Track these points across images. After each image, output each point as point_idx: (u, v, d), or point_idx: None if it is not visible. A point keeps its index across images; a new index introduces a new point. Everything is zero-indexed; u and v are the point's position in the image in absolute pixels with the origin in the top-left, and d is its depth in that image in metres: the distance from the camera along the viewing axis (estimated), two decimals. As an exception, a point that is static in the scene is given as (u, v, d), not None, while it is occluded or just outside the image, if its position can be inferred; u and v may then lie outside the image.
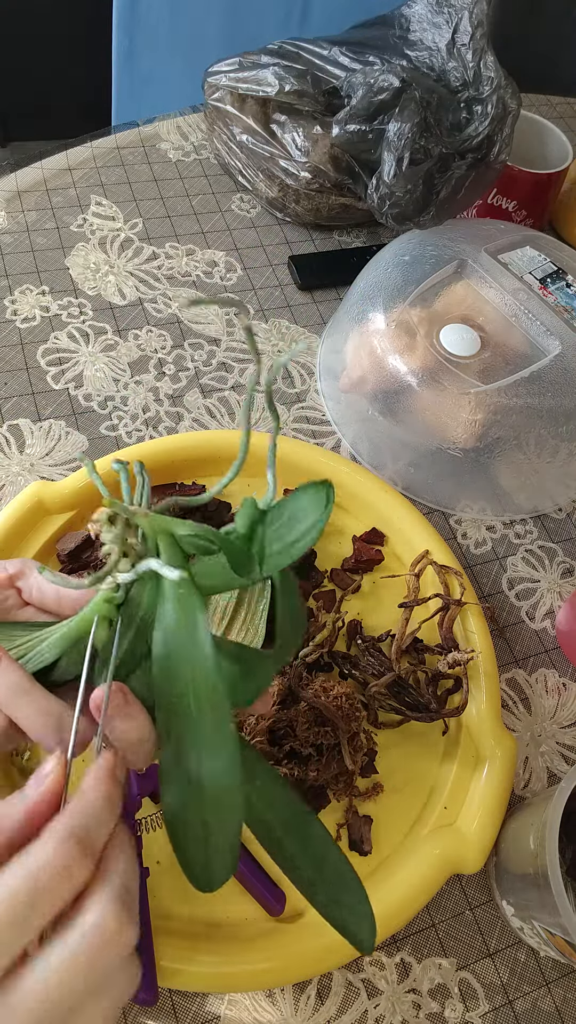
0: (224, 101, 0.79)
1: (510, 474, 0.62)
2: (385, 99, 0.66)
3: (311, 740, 0.47)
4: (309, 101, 0.73)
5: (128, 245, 0.77)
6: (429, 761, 0.52)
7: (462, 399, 0.58)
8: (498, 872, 0.48)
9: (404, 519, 0.59)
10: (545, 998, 0.47)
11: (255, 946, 0.43)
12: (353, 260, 0.75)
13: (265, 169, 0.78)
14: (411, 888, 0.45)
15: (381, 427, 0.63)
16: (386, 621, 0.57)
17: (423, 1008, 0.45)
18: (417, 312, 0.61)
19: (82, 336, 0.69)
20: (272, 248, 0.80)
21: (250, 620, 0.52)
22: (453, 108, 0.68)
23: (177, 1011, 0.43)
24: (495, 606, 0.61)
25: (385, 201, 0.65)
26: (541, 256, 0.65)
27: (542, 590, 0.62)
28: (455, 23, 0.70)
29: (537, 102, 1.05)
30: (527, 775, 0.54)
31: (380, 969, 0.46)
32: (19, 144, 1.76)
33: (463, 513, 0.65)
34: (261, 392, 0.30)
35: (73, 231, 0.77)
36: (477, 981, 0.46)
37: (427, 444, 0.61)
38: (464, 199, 0.68)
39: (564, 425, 0.58)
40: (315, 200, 0.78)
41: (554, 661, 0.59)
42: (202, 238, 0.79)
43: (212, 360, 0.70)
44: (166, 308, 0.73)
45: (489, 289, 0.62)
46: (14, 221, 0.76)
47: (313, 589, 0.57)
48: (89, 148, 0.84)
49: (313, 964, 0.43)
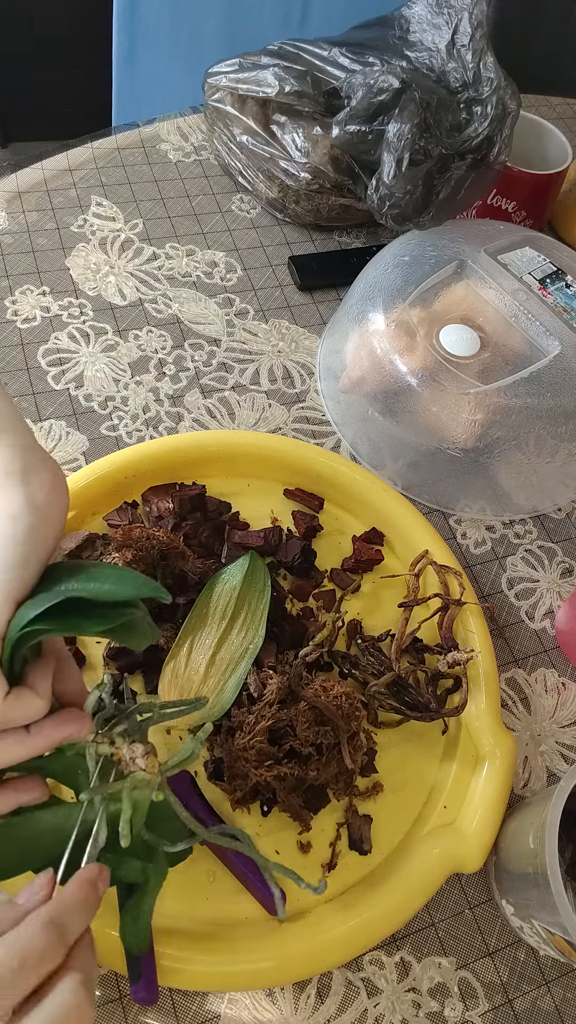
0: (224, 102, 0.79)
1: (510, 474, 0.62)
2: (385, 100, 0.66)
3: (311, 739, 0.47)
4: (309, 102, 0.73)
5: (128, 245, 0.77)
6: (429, 761, 0.52)
7: (462, 399, 0.58)
8: (498, 871, 0.48)
9: (404, 519, 0.59)
10: (545, 997, 0.47)
11: (255, 946, 0.43)
12: (353, 260, 0.75)
13: (265, 170, 0.78)
14: (411, 887, 0.45)
15: (381, 427, 0.63)
16: (386, 621, 0.57)
17: (423, 1007, 0.45)
18: (417, 312, 0.61)
19: (82, 336, 0.70)
20: (272, 248, 0.80)
21: (250, 620, 0.52)
22: (453, 109, 0.68)
23: (177, 1010, 0.43)
24: (495, 606, 0.61)
25: (385, 202, 0.65)
26: (541, 257, 0.65)
27: (541, 590, 0.62)
28: (455, 24, 0.71)
29: (537, 103, 1.05)
30: (527, 775, 0.54)
31: (380, 968, 0.46)
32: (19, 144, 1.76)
33: (463, 513, 0.65)
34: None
35: (73, 231, 0.77)
36: (477, 980, 0.46)
37: (427, 444, 0.61)
38: (464, 200, 0.68)
39: (563, 425, 0.58)
40: (315, 201, 0.78)
41: (553, 661, 0.59)
42: (202, 238, 0.79)
43: (212, 360, 0.70)
44: (166, 308, 0.73)
45: (489, 289, 0.62)
46: (14, 222, 0.76)
47: (313, 589, 0.57)
48: (89, 149, 0.84)
49: (313, 963, 0.43)
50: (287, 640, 0.53)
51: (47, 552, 0.31)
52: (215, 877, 0.46)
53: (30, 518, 0.30)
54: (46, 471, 0.32)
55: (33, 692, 0.31)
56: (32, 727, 0.32)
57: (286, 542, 0.57)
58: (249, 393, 0.69)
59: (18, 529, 0.30)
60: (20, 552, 0.30)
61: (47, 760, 0.35)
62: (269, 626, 0.52)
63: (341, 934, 0.43)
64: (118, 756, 0.35)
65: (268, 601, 0.53)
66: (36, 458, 0.32)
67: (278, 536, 0.57)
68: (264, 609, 0.53)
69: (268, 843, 0.48)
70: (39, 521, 0.30)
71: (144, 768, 0.35)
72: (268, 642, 0.52)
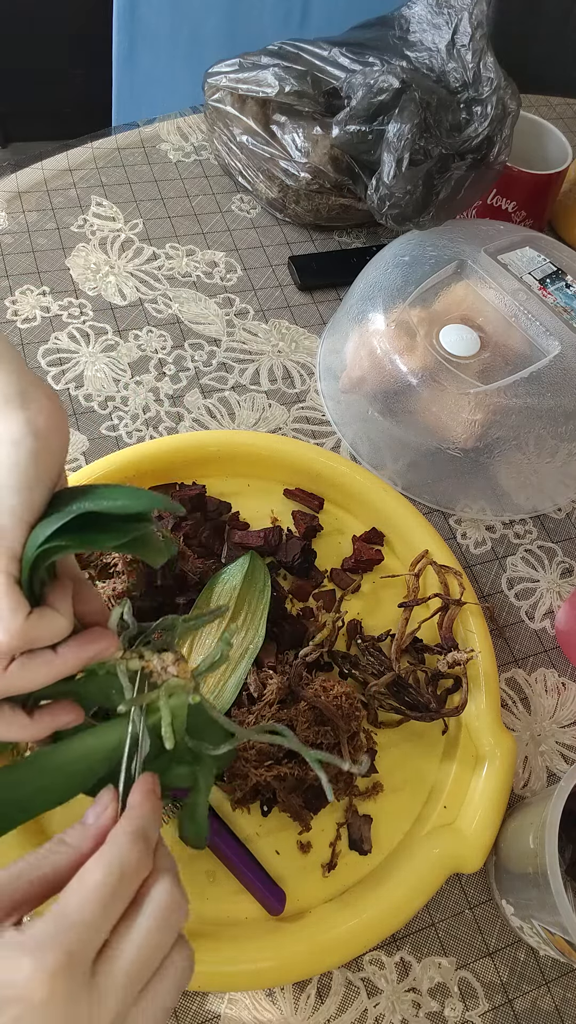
0: (224, 102, 0.79)
1: (509, 474, 0.62)
2: (385, 100, 0.66)
3: (311, 739, 0.47)
4: (309, 102, 0.73)
5: (128, 245, 0.77)
6: (429, 761, 0.52)
7: (462, 399, 0.58)
8: (498, 871, 0.48)
9: (404, 519, 0.59)
10: (544, 997, 0.47)
11: (255, 945, 0.43)
12: (353, 260, 0.75)
13: (265, 170, 0.78)
14: (411, 887, 0.45)
15: (381, 427, 0.63)
16: (386, 621, 0.57)
17: (423, 1007, 0.45)
18: (417, 312, 0.61)
19: (82, 336, 0.70)
20: (272, 248, 0.80)
21: (250, 620, 0.52)
22: (453, 109, 0.68)
23: (177, 1010, 0.43)
24: (495, 606, 0.61)
25: (385, 202, 0.65)
26: (540, 257, 0.65)
27: (541, 590, 0.62)
28: (455, 24, 0.71)
29: (537, 103, 1.05)
30: (527, 774, 0.54)
31: (380, 968, 0.46)
32: (19, 144, 1.76)
33: (463, 513, 0.65)
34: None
35: (73, 232, 0.77)
36: (477, 980, 0.46)
37: (427, 444, 0.61)
38: (464, 200, 0.68)
39: (563, 425, 0.58)
40: (315, 201, 0.78)
41: (553, 661, 0.59)
42: (202, 238, 0.79)
43: (212, 360, 0.70)
44: (166, 308, 0.73)
45: (489, 289, 0.62)
46: (14, 222, 0.76)
47: (313, 589, 0.57)
48: (89, 149, 0.84)
49: (313, 963, 0.43)
50: (287, 640, 0.53)
51: (52, 477, 0.31)
52: (215, 877, 0.46)
53: (33, 442, 0.30)
54: (43, 396, 0.32)
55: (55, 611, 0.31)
56: (59, 647, 0.32)
57: (286, 542, 0.57)
58: (249, 393, 0.69)
59: (22, 454, 0.30)
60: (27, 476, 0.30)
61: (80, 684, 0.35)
62: (269, 626, 0.52)
63: (341, 934, 0.43)
64: (149, 668, 0.36)
65: (268, 601, 0.53)
66: (31, 383, 0.32)
67: (278, 536, 0.57)
68: (264, 609, 0.53)
69: (268, 843, 0.48)
70: (42, 446, 0.30)
71: (177, 674, 0.36)
72: (268, 642, 0.52)
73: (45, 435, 0.30)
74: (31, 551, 0.30)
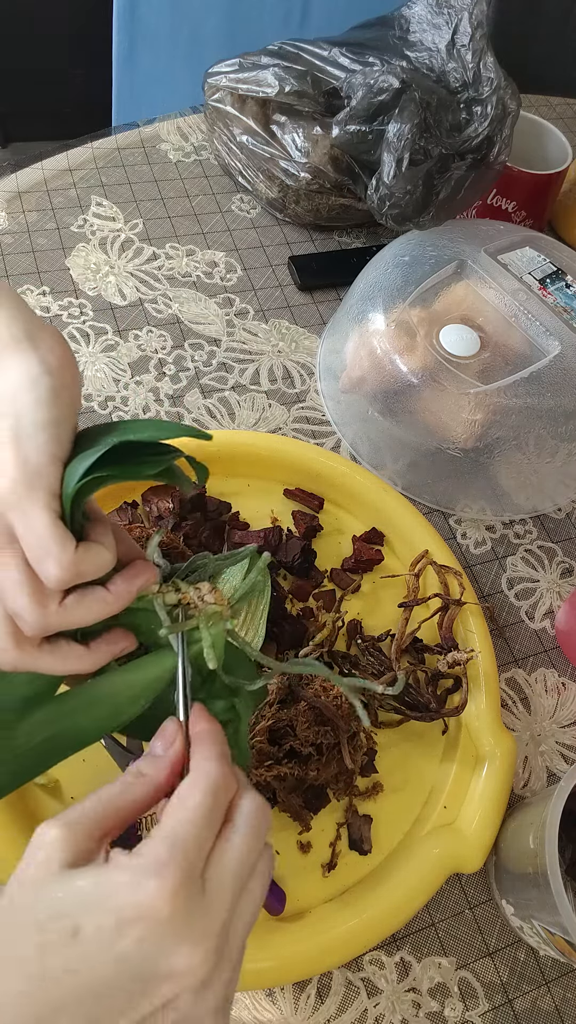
0: (224, 102, 0.79)
1: (510, 474, 0.62)
2: (385, 100, 0.66)
3: (311, 739, 0.47)
4: (309, 102, 0.73)
5: (128, 245, 0.77)
6: (429, 761, 0.52)
7: (462, 399, 0.58)
8: (498, 871, 0.48)
9: (404, 519, 0.59)
10: (544, 997, 0.47)
11: (255, 945, 0.43)
12: (353, 260, 0.75)
13: (265, 170, 0.78)
14: (411, 887, 0.45)
15: (381, 427, 0.63)
16: (386, 621, 0.57)
17: (423, 1007, 0.45)
18: (417, 312, 0.61)
19: (82, 336, 0.70)
20: (272, 248, 0.80)
21: (251, 620, 0.52)
22: (453, 109, 0.68)
23: (177, 1010, 0.43)
24: (495, 606, 0.61)
25: (385, 202, 0.65)
26: (540, 257, 0.65)
27: (541, 590, 0.62)
28: (455, 24, 0.71)
29: (537, 103, 1.05)
30: (527, 774, 0.54)
31: (380, 968, 0.46)
32: (19, 144, 1.76)
33: (463, 513, 0.65)
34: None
35: (73, 232, 0.77)
36: (477, 980, 0.46)
37: (427, 444, 0.61)
38: (464, 200, 0.68)
39: (563, 425, 0.58)
40: (315, 201, 0.78)
41: (553, 661, 0.59)
42: (202, 238, 0.79)
43: (212, 360, 0.70)
44: (166, 308, 0.73)
45: (489, 289, 0.62)
46: (14, 222, 0.76)
47: (313, 589, 0.57)
48: (89, 149, 0.84)
49: (313, 963, 0.43)
50: (287, 640, 0.53)
51: (73, 414, 0.32)
52: (215, 877, 0.46)
53: (50, 379, 0.31)
54: (50, 336, 0.32)
55: (100, 544, 0.32)
56: (109, 584, 0.33)
57: (286, 542, 0.57)
58: (249, 393, 0.69)
59: (42, 391, 0.30)
60: (51, 413, 0.30)
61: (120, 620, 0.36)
62: (269, 626, 0.52)
63: (341, 934, 0.43)
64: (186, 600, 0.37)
65: (268, 601, 0.53)
66: (36, 324, 0.32)
67: (278, 536, 0.57)
68: (264, 609, 0.53)
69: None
70: (59, 382, 0.31)
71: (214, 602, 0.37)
72: (268, 642, 0.52)
73: (59, 372, 0.31)
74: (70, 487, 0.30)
